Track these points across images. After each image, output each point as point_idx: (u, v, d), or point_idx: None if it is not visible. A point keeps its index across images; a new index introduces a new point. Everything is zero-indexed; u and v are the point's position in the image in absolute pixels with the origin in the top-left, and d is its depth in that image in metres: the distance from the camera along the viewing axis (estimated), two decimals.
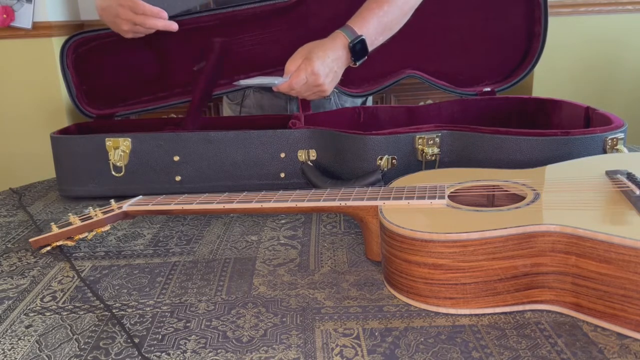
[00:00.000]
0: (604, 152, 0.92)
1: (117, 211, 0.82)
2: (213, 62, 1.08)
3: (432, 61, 1.26)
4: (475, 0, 1.23)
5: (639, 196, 0.66)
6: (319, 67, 0.98)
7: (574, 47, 2.55)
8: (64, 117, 2.38)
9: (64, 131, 1.09)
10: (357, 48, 1.01)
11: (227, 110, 1.42)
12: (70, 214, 0.84)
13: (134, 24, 1.00)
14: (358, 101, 1.37)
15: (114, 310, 0.67)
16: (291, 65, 1.00)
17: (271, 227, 0.90)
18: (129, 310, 0.67)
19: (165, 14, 1.00)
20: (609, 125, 0.95)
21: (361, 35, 1.01)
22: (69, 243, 0.82)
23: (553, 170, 0.81)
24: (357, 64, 1.03)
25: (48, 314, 0.67)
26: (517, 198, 0.73)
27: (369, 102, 1.42)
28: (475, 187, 0.77)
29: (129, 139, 1.02)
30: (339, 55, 1.01)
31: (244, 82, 1.01)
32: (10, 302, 0.70)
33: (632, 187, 0.69)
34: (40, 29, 2.38)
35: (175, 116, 1.82)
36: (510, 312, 0.62)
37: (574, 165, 0.83)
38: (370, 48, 1.04)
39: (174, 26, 1.01)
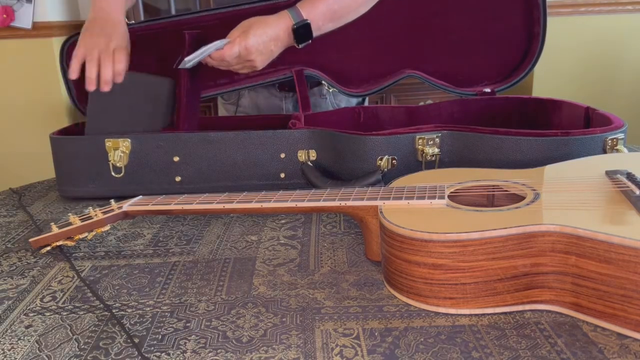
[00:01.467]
0: (604, 152, 0.92)
1: (117, 211, 0.82)
2: (187, 55, 1.08)
3: (432, 61, 1.26)
4: (475, 0, 1.23)
5: (639, 196, 0.66)
6: (253, 43, 0.97)
7: (574, 47, 2.55)
8: (64, 117, 2.38)
9: (64, 131, 1.09)
10: (301, 32, 1.01)
11: (222, 110, 1.41)
12: (70, 214, 0.84)
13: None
14: (353, 101, 1.37)
15: (113, 310, 0.67)
16: (231, 35, 0.99)
17: (271, 227, 0.90)
18: (129, 310, 0.67)
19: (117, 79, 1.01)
20: (609, 126, 0.95)
21: (306, 20, 1.00)
22: (69, 243, 0.82)
23: (553, 170, 0.81)
24: (300, 46, 1.02)
25: (48, 314, 0.67)
26: (517, 198, 0.73)
27: (365, 102, 1.42)
28: (475, 187, 0.77)
29: (129, 140, 1.02)
30: (278, 35, 1.00)
31: (189, 58, 1.00)
32: (10, 302, 0.70)
33: (632, 187, 0.69)
34: (40, 29, 2.38)
35: None
36: (510, 312, 0.62)
37: (573, 165, 0.83)
38: (316, 33, 1.03)
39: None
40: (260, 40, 0.98)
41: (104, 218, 0.81)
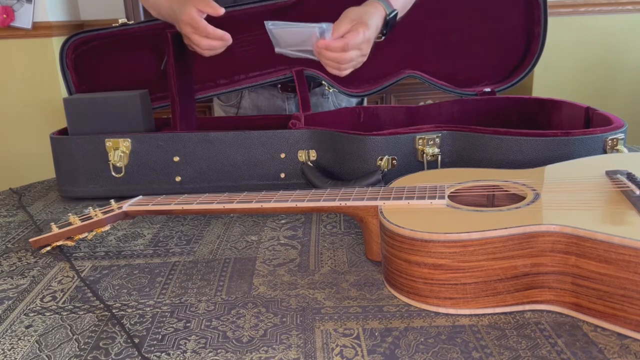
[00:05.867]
0: (604, 152, 0.92)
1: (117, 211, 0.82)
2: (172, 54, 1.07)
3: (432, 61, 1.26)
4: (475, 1, 1.23)
5: (639, 196, 0.66)
6: (371, 34, 0.93)
7: (574, 47, 2.55)
8: (64, 117, 2.39)
9: (64, 131, 1.09)
10: (391, 22, 0.98)
11: (220, 112, 1.40)
12: (70, 214, 0.84)
13: (198, 41, 0.99)
14: (353, 101, 1.37)
15: (114, 310, 0.67)
16: (342, 26, 0.92)
17: (271, 227, 0.90)
18: (129, 310, 0.67)
19: (228, 36, 0.99)
20: (609, 126, 0.95)
21: (396, 10, 0.99)
22: (69, 243, 0.82)
23: (553, 171, 0.81)
24: (383, 38, 1.00)
25: (48, 314, 0.67)
26: (517, 198, 0.73)
27: (364, 101, 1.42)
28: (475, 187, 0.77)
29: (129, 140, 1.02)
30: (378, 25, 0.97)
31: (276, 27, 0.94)
32: (10, 302, 0.70)
33: (632, 187, 0.69)
34: (40, 29, 2.39)
35: None
36: (510, 312, 0.62)
37: (574, 165, 0.83)
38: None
39: (229, 42, 1.00)
40: (373, 31, 0.94)
41: (104, 218, 0.81)
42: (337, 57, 0.93)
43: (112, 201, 0.84)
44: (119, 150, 1.02)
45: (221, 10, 0.97)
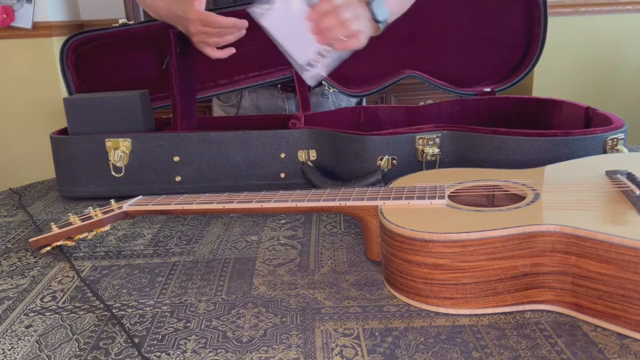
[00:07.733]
0: (604, 152, 0.92)
1: (117, 211, 0.82)
2: (174, 54, 1.07)
3: (432, 61, 1.26)
4: (475, 1, 1.23)
5: (639, 196, 0.66)
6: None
7: (574, 47, 2.55)
8: (64, 117, 2.39)
9: (64, 131, 1.09)
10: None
11: (220, 112, 1.40)
12: (70, 214, 0.84)
13: (207, 37, 1.00)
14: (353, 101, 1.37)
15: (114, 310, 0.67)
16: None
17: (271, 227, 0.90)
18: (129, 310, 0.67)
19: (243, 22, 0.99)
20: (609, 126, 0.95)
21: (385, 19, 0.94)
22: (69, 243, 0.82)
23: (553, 171, 0.81)
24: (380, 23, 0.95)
25: (48, 314, 0.67)
26: (517, 198, 0.73)
27: (364, 101, 1.42)
28: (475, 187, 0.77)
29: (129, 140, 1.02)
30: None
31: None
32: (10, 302, 0.70)
33: (632, 187, 0.69)
34: (40, 29, 2.39)
35: None
36: (511, 312, 0.62)
37: (574, 165, 0.83)
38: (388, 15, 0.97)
39: (243, 32, 1.01)
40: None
41: (104, 218, 0.81)
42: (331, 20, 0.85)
43: (112, 201, 0.84)
44: (119, 150, 1.02)
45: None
